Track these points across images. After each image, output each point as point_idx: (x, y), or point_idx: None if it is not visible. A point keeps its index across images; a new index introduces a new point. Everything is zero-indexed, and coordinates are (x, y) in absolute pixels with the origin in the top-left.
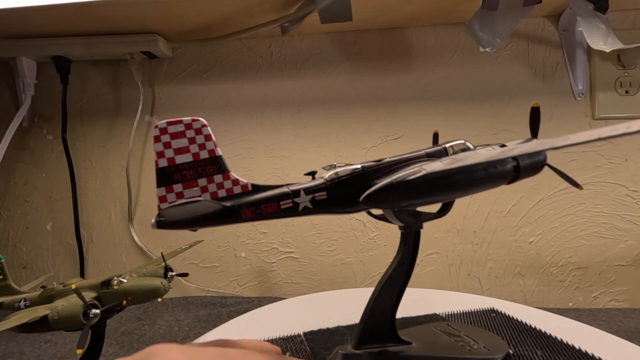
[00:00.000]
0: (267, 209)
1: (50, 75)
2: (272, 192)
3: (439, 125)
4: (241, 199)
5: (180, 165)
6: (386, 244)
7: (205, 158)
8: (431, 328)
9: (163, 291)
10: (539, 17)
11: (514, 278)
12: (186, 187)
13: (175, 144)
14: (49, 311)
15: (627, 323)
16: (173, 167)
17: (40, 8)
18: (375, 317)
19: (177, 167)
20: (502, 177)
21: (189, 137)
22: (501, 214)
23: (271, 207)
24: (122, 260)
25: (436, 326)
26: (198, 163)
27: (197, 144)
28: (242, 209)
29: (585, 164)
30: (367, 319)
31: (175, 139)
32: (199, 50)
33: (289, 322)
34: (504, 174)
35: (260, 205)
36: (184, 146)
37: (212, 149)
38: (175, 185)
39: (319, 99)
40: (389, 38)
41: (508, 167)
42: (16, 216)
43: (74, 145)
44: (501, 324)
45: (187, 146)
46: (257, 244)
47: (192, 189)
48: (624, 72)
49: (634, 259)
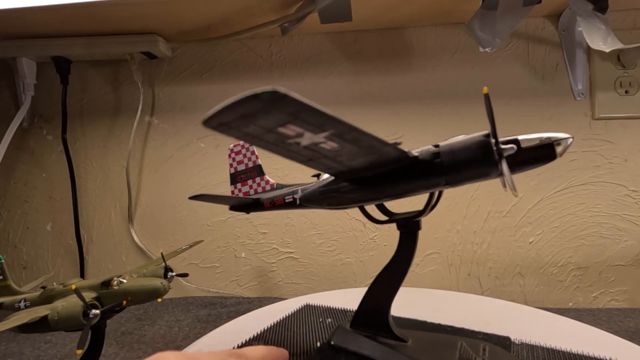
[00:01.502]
0: (278, 202)
1: (50, 75)
2: (283, 190)
3: (439, 125)
4: (266, 194)
5: (239, 172)
6: (386, 244)
7: (252, 167)
8: (448, 340)
9: (163, 291)
10: (539, 17)
11: (514, 278)
12: (242, 185)
13: (237, 158)
14: (49, 311)
15: (627, 323)
16: (236, 173)
17: (40, 8)
18: (369, 304)
19: (238, 173)
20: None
21: (243, 154)
22: (501, 214)
23: (279, 201)
24: (122, 261)
25: (459, 341)
26: (248, 170)
27: (247, 158)
28: (264, 201)
29: (585, 164)
30: (362, 304)
31: (237, 155)
32: (198, 51)
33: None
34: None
35: (274, 199)
36: (241, 160)
37: (255, 160)
38: (237, 184)
39: (319, 99)
40: (389, 38)
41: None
42: (16, 216)
43: (74, 146)
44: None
45: (242, 160)
46: (257, 244)
47: (245, 186)
48: (624, 72)
49: (634, 259)
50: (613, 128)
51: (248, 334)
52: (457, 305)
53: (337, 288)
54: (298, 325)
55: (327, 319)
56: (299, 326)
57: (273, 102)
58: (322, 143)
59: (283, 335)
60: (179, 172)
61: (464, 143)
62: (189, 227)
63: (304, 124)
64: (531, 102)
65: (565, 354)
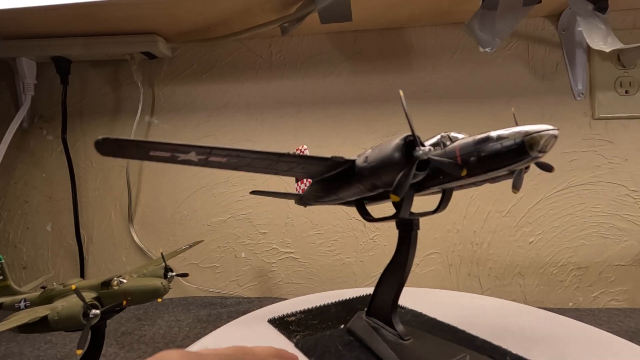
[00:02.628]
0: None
1: (50, 75)
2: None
3: (439, 125)
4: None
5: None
6: (386, 244)
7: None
8: (450, 349)
9: (163, 291)
10: (539, 17)
11: (514, 278)
12: (300, 182)
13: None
14: (49, 311)
15: (627, 323)
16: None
17: (40, 8)
18: (377, 299)
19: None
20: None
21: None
22: (501, 214)
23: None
24: (122, 261)
25: (462, 353)
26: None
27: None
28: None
29: (585, 164)
30: (372, 297)
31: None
32: (198, 51)
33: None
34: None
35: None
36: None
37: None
38: (298, 182)
39: (319, 99)
40: (389, 38)
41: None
42: (16, 217)
43: (74, 146)
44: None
45: None
46: (257, 244)
47: (302, 184)
48: (624, 72)
49: (634, 259)
50: (613, 128)
51: (248, 334)
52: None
53: (337, 288)
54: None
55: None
56: (348, 310)
57: (110, 144)
58: (208, 158)
59: (334, 311)
60: (178, 172)
61: (381, 148)
62: (189, 227)
63: (160, 149)
64: (531, 101)
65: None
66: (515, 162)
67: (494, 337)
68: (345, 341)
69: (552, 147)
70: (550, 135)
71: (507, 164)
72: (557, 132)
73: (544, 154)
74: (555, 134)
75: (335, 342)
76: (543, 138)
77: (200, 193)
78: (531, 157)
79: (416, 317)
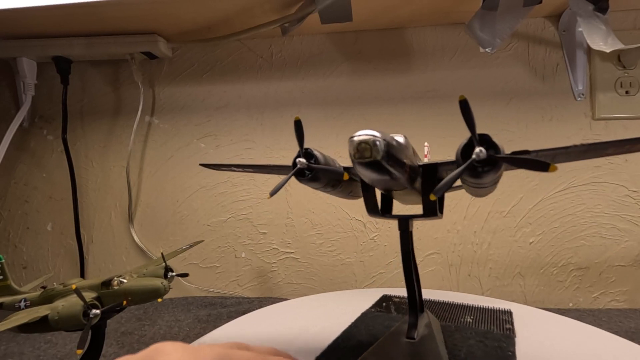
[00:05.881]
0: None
1: (51, 75)
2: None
3: (439, 126)
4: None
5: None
6: (386, 244)
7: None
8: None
9: (163, 291)
10: (539, 17)
11: (514, 278)
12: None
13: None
14: (49, 311)
15: (627, 323)
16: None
17: (40, 8)
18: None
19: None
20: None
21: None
22: (501, 215)
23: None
24: (122, 261)
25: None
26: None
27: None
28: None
29: (586, 164)
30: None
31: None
32: (199, 51)
33: (290, 324)
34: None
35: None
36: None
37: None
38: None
39: (319, 99)
40: (389, 38)
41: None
42: (16, 216)
43: (74, 146)
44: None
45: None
46: (257, 244)
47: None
48: (624, 73)
49: (634, 260)
50: (613, 128)
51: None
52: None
53: (337, 288)
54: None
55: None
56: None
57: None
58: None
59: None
60: (179, 172)
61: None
62: (189, 227)
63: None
64: (531, 102)
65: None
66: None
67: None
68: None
69: (374, 151)
70: (356, 141)
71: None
72: (363, 137)
73: (365, 159)
74: (361, 139)
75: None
76: (352, 145)
77: (200, 193)
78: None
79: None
